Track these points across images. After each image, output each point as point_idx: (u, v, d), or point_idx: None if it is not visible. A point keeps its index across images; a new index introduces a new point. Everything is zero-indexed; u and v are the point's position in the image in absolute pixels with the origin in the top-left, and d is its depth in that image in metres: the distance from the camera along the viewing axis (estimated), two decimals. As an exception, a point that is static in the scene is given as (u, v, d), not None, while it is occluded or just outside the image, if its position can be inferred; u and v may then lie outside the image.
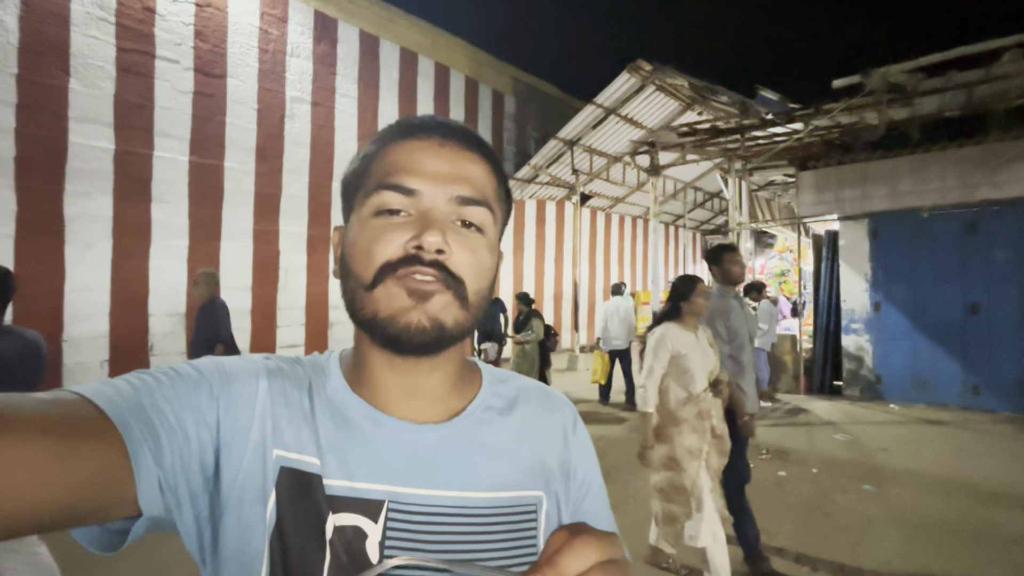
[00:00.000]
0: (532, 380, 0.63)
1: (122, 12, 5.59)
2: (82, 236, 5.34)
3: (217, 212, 6.36)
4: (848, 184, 7.02)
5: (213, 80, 6.32)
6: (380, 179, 0.49)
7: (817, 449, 4.89)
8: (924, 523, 3.35)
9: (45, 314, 5.10)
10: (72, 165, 5.27)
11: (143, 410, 0.41)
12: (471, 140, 0.52)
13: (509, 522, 0.51)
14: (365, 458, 0.48)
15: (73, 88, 5.28)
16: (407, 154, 0.50)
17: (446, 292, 0.47)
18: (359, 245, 0.48)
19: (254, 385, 0.48)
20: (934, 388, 6.68)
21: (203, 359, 0.49)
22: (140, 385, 0.43)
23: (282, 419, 0.48)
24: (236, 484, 0.44)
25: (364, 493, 0.46)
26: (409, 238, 0.47)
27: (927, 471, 4.29)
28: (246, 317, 6.59)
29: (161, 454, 0.41)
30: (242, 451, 0.45)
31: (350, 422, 0.49)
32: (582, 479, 0.58)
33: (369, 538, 0.46)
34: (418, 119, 0.52)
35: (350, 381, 0.52)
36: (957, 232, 6.59)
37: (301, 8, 7.19)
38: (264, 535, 0.44)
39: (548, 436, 0.57)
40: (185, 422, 0.43)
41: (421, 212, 0.48)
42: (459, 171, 0.50)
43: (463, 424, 0.53)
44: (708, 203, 15.45)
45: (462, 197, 0.49)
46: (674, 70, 7.83)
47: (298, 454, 0.47)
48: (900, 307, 6.93)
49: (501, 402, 0.57)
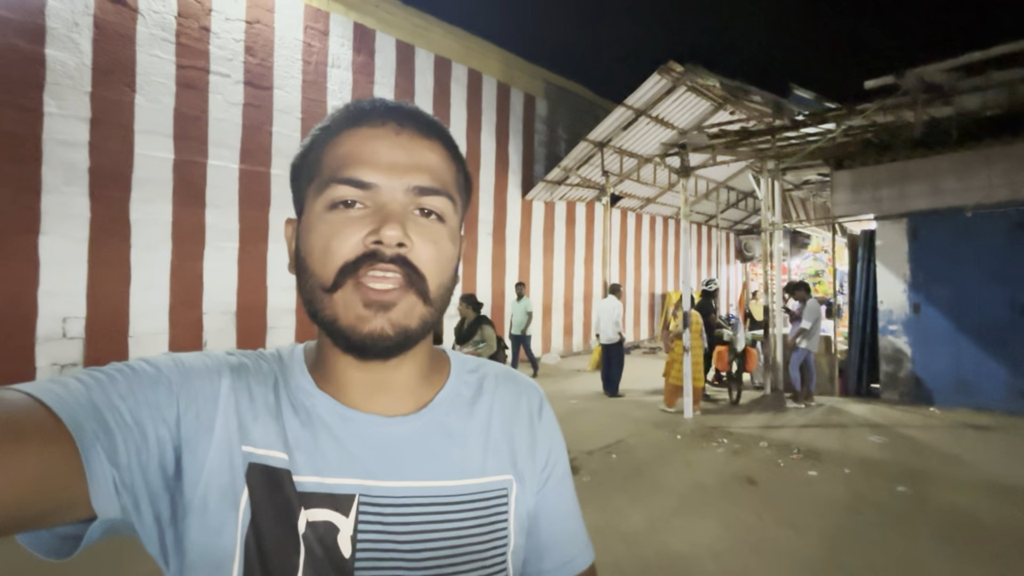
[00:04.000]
0: (499, 365, 0.62)
1: (181, 32, 6.03)
2: (145, 239, 5.78)
3: (265, 216, 6.76)
4: (885, 183, 6.88)
5: (261, 92, 6.72)
6: (333, 171, 0.47)
7: (851, 450, 4.86)
8: (961, 524, 3.33)
9: (114, 312, 5.56)
10: (137, 174, 5.72)
11: (95, 408, 0.39)
12: (429, 126, 0.50)
13: (480, 508, 0.51)
14: (333, 453, 0.47)
15: (138, 103, 5.73)
16: (360, 143, 0.47)
17: (408, 293, 0.46)
18: (315, 242, 0.46)
19: (216, 381, 0.47)
20: (978, 392, 6.48)
21: (160, 355, 0.47)
22: (92, 383, 0.41)
23: (247, 415, 0.47)
24: (200, 483, 0.43)
25: (334, 488, 0.46)
26: (367, 233, 0.45)
27: (967, 475, 4.22)
28: (291, 315, 6.97)
29: (116, 453, 0.39)
30: (206, 449, 0.44)
31: (317, 419, 0.48)
32: (546, 461, 0.58)
33: (341, 532, 0.45)
34: (369, 103, 0.49)
35: (315, 377, 0.51)
36: (1004, 231, 6.37)
37: (341, 21, 7.55)
38: (235, 533, 0.43)
39: (515, 419, 0.57)
40: (142, 420, 0.41)
41: (379, 205, 0.46)
42: (417, 160, 0.48)
43: (432, 414, 0.52)
44: (742, 203, 15.21)
45: (421, 187, 0.47)
46: (705, 71, 7.82)
47: (266, 450, 0.46)
48: (942, 308, 6.75)
49: (469, 390, 0.56)
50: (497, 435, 0.55)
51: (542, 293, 10.78)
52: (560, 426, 0.63)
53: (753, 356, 7.07)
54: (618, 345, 6.79)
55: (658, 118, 9.02)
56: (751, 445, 5.00)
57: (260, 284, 6.71)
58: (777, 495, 3.82)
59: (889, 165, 6.84)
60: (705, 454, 4.75)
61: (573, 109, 11.57)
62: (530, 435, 0.58)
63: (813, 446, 4.95)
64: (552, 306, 10.99)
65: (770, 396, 7.30)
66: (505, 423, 0.56)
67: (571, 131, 11.27)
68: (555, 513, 0.58)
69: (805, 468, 4.37)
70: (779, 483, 4.05)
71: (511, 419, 0.57)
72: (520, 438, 0.57)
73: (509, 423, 0.57)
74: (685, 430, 5.53)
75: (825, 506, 3.62)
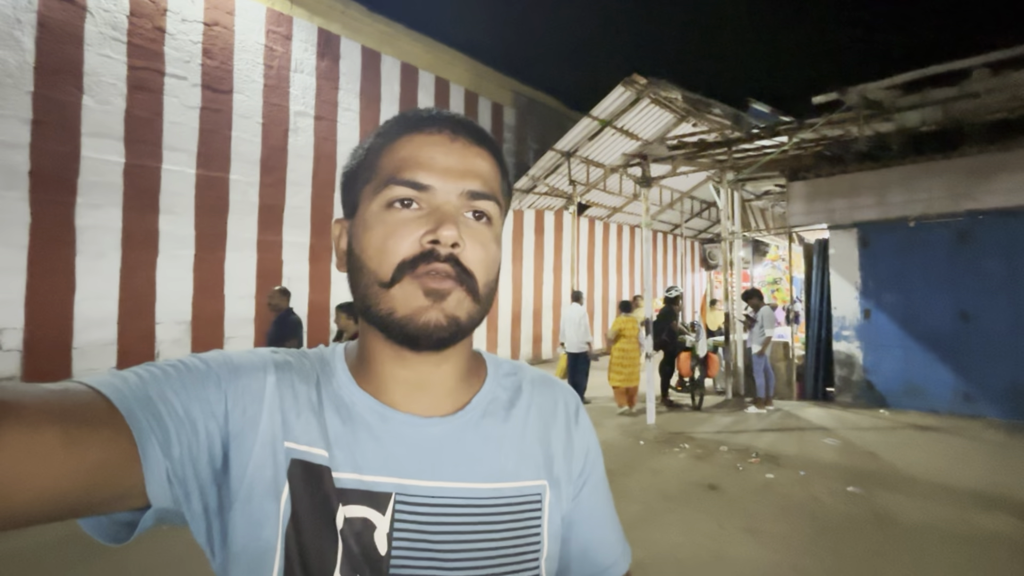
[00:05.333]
0: (535, 369, 0.63)
1: (134, 32, 5.81)
2: (93, 246, 5.51)
3: (222, 223, 6.54)
4: (837, 194, 7.19)
5: (220, 96, 6.53)
6: (391, 173, 0.49)
7: (806, 453, 5.00)
8: (908, 525, 3.46)
9: (57, 322, 5.26)
10: (84, 178, 5.46)
11: (151, 401, 0.41)
12: (480, 135, 0.53)
13: (513, 512, 0.51)
14: (372, 452, 0.48)
15: (86, 104, 5.48)
16: (418, 149, 0.49)
17: (460, 289, 0.48)
18: (372, 240, 0.48)
19: (262, 378, 0.48)
20: (925, 394, 6.78)
21: (211, 352, 0.49)
22: (148, 377, 0.43)
23: (291, 412, 0.48)
24: (246, 477, 0.45)
25: (372, 486, 0.47)
26: (424, 232, 0.47)
27: (914, 475, 4.39)
28: (250, 325, 6.75)
29: (169, 445, 0.41)
30: (251, 443, 0.45)
31: (357, 417, 0.50)
32: (582, 467, 0.59)
33: (377, 529, 0.46)
34: (426, 112, 0.52)
35: (356, 376, 0.52)
36: (947, 241, 6.72)
37: (305, 26, 7.43)
38: (277, 527, 0.44)
39: (552, 424, 0.58)
40: (193, 413, 0.43)
41: (434, 207, 0.48)
42: (470, 166, 0.50)
43: (468, 417, 0.53)
44: (705, 212, 15.63)
45: (473, 192, 0.49)
46: (668, 83, 8.03)
47: (308, 446, 0.47)
48: (891, 314, 7.06)
49: (506, 393, 0.57)
50: (532, 440, 0.56)
51: (511, 301, 10.79)
52: None
53: (715, 361, 7.23)
54: (584, 353, 6.82)
55: (623, 129, 9.20)
56: (712, 450, 5.09)
57: (217, 293, 6.48)
58: (737, 500, 3.89)
59: (840, 177, 7.14)
60: (668, 460, 4.81)
61: (541, 119, 11.69)
62: (567, 440, 0.58)
63: (771, 450, 5.07)
64: (521, 314, 11.00)
65: (731, 400, 7.47)
66: (541, 428, 0.57)
67: (540, 140, 11.38)
68: (592, 519, 0.59)
69: (764, 471, 4.48)
70: (739, 487, 4.13)
71: (547, 424, 0.58)
72: (556, 443, 0.57)
73: (545, 428, 0.57)
74: (649, 436, 5.59)
75: (782, 509, 3.71)
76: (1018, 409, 6.23)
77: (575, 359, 6.86)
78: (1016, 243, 6.32)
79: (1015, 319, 6.32)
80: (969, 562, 2.97)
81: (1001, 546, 3.15)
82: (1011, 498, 3.86)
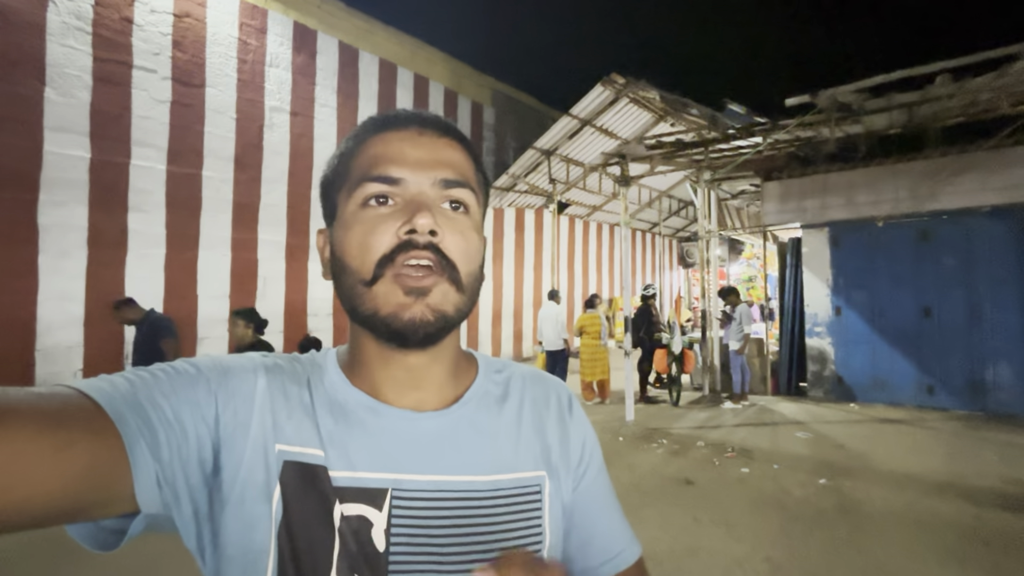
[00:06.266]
0: (525, 366, 0.63)
1: (99, 22, 5.62)
2: (57, 245, 5.32)
3: (195, 221, 6.38)
4: (809, 194, 7.37)
5: (192, 90, 6.36)
6: (364, 172, 0.49)
7: (780, 447, 5.13)
8: (872, 513, 3.59)
9: (18, 324, 5.07)
10: (47, 174, 5.26)
11: (140, 405, 0.41)
12: (447, 128, 0.53)
13: (512, 503, 0.51)
14: (366, 448, 0.48)
15: (48, 97, 5.28)
16: (387, 145, 0.50)
17: (443, 280, 0.48)
18: (352, 239, 0.48)
19: (252, 381, 0.48)
20: (892, 388, 7.01)
21: (201, 357, 0.49)
22: (137, 381, 0.43)
23: (282, 414, 0.48)
24: (237, 480, 0.44)
25: (367, 482, 0.47)
26: (400, 224, 0.47)
27: (879, 466, 4.55)
28: (224, 326, 6.60)
29: (158, 448, 0.40)
30: (242, 447, 0.45)
31: (350, 414, 0.49)
32: (580, 457, 0.59)
33: (375, 526, 0.46)
34: (392, 112, 0.53)
35: (348, 375, 0.52)
36: (910, 240, 6.96)
37: (280, 20, 7.28)
38: (269, 530, 0.44)
39: (546, 416, 0.58)
40: (183, 417, 0.43)
41: (408, 199, 0.49)
42: (440, 156, 0.50)
43: (462, 410, 0.53)
44: (683, 211, 15.85)
45: (446, 180, 0.50)
46: (646, 83, 8.11)
47: (301, 447, 0.47)
48: (859, 311, 7.28)
49: (498, 388, 0.57)
50: (528, 432, 0.56)
51: (492, 299, 10.78)
52: None
53: (691, 358, 7.35)
54: (563, 351, 6.86)
55: (602, 128, 9.26)
56: (689, 445, 5.18)
57: (190, 293, 6.32)
58: (712, 494, 3.97)
59: (812, 177, 7.33)
60: (646, 455, 4.87)
61: (521, 117, 11.69)
62: (562, 431, 0.58)
63: (746, 444, 5.19)
64: (502, 312, 11.01)
65: (708, 396, 7.61)
66: (536, 420, 0.57)
67: (520, 139, 11.38)
68: (595, 508, 0.58)
69: (739, 466, 4.58)
70: (714, 482, 4.21)
71: (542, 416, 0.58)
72: (552, 434, 0.57)
73: (540, 419, 0.57)
74: (627, 432, 5.66)
75: (755, 503, 3.80)
76: (975, 401, 6.51)
77: (553, 357, 6.89)
78: (973, 241, 6.59)
79: (971, 315, 6.59)
80: (924, 547, 3.10)
81: (951, 530, 3.30)
82: (962, 485, 4.05)
